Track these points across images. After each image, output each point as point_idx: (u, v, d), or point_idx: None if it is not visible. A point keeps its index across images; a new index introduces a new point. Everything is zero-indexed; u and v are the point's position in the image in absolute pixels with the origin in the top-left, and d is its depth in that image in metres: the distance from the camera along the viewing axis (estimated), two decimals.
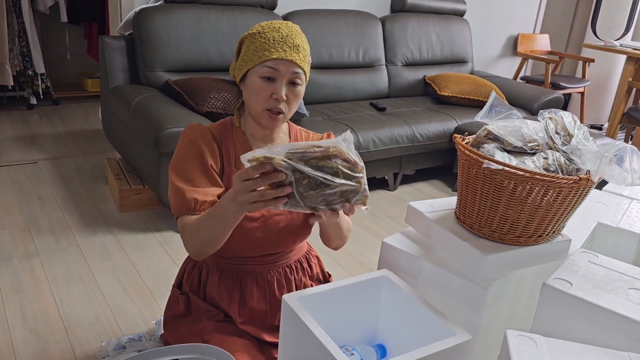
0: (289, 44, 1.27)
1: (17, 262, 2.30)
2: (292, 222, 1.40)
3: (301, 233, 1.45)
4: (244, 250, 1.42)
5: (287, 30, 1.29)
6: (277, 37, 1.27)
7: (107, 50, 3.06)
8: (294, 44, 1.28)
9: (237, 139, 1.40)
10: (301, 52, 1.29)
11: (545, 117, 1.32)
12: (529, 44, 5.18)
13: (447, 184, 3.64)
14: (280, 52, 1.26)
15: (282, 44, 1.26)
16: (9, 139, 3.82)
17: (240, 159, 1.35)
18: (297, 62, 1.27)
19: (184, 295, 1.52)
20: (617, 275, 1.19)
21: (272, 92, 1.28)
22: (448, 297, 1.26)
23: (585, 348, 1.01)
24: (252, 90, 1.30)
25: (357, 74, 3.80)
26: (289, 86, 1.29)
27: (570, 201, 1.19)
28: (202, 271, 1.51)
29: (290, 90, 1.30)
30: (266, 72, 1.27)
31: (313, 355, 1.07)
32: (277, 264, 1.47)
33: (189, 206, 1.30)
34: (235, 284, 1.46)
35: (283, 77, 1.27)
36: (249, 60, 1.29)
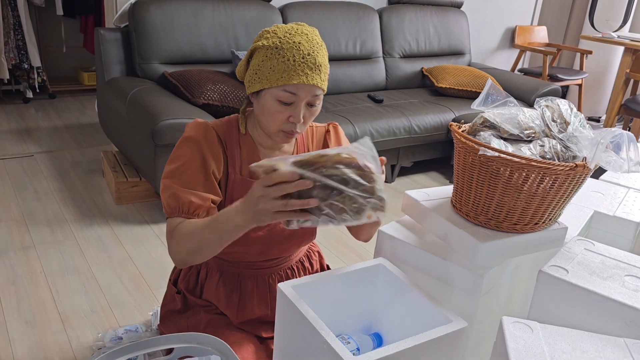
0: (310, 65, 1.16)
1: (13, 254, 2.29)
2: (299, 229, 1.37)
3: (306, 238, 1.43)
4: (246, 256, 1.40)
5: (308, 45, 1.17)
6: (297, 56, 1.15)
7: (103, 43, 3.05)
8: (316, 64, 1.17)
9: (244, 145, 1.33)
10: (322, 71, 1.19)
11: (541, 105, 1.31)
12: (527, 36, 5.16)
13: (444, 175, 3.64)
14: (301, 77, 1.16)
15: (302, 66, 1.15)
16: (4, 133, 3.81)
17: (247, 166, 1.31)
18: (319, 84, 1.18)
19: (181, 294, 1.50)
20: (613, 263, 1.19)
21: (289, 115, 1.20)
22: (444, 285, 1.25)
23: (581, 334, 1.01)
24: (266, 111, 1.21)
25: (354, 66, 3.79)
26: (306, 107, 1.22)
27: (567, 188, 1.18)
28: (200, 271, 1.48)
29: (307, 110, 1.22)
30: (284, 97, 1.18)
31: (309, 343, 1.06)
32: (279, 267, 1.46)
33: (183, 208, 1.22)
34: (235, 287, 1.43)
35: (302, 101, 1.19)
36: (265, 79, 1.18)
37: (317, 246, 1.61)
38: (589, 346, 0.97)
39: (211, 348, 1.23)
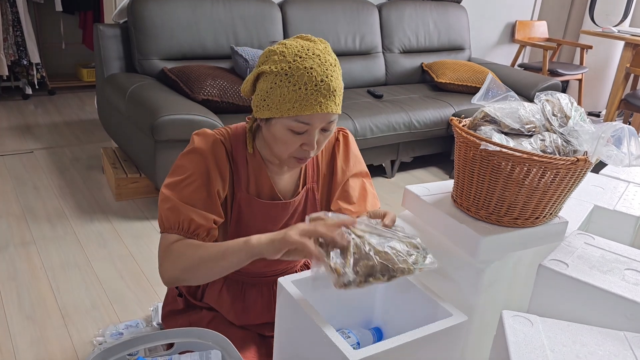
0: (323, 93, 1.07)
1: (13, 250, 2.30)
2: None
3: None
4: (253, 268, 1.35)
5: (321, 70, 1.07)
6: (309, 84, 1.06)
7: (102, 38, 3.04)
8: (330, 90, 1.08)
9: (252, 162, 1.27)
10: (337, 96, 1.10)
11: (542, 100, 1.31)
12: (527, 30, 5.15)
13: (444, 170, 3.64)
14: (315, 107, 1.07)
15: (316, 95, 1.07)
16: (4, 129, 3.81)
17: (254, 184, 1.26)
18: (334, 111, 1.10)
19: (182, 297, 1.49)
20: (613, 256, 1.19)
21: (302, 142, 1.13)
22: (445, 279, 1.25)
23: (581, 327, 1.01)
24: (277, 140, 1.14)
25: (354, 61, 3.78)
26: (320, 132, 1.14)
27: (568, 183, 1.18)
28: None
29: (321, 134, 1.15)
30: (297, 127, 1.10)
31: (309, 338, 1.06)
32: (284, 274, 1.45)
33: (183, 226, 1.14)
34: (239, 295, 1.42)
35: (316, 129, 1.12)
36: (275, 108, 1.10)
37: None
38: (588, 339, 0.97)
39: (212, 343, 1.23)
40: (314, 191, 1.36)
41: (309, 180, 1.35)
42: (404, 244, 1.03)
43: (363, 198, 1.36)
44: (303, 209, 1.36)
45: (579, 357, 0.92)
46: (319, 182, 1.36)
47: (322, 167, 1.36)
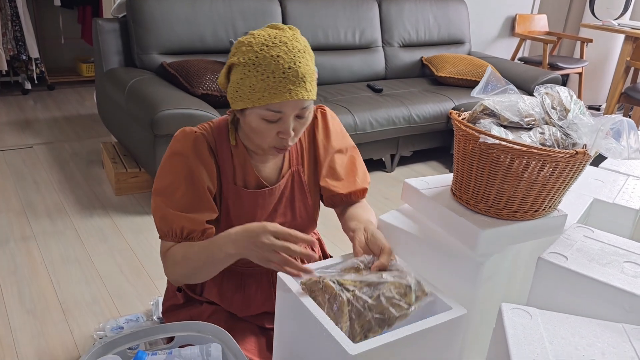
0: (292, 80, 1.08)
1: (13, 245, 2.30)
2: (297, 226, 1.35)
3: (308, 230, 1.42)
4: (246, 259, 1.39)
5: (288, 57, 1.08)
6: (277, 72, 1.07)
7: (101, 33, 3.03)
8: (299, 77, 1.08)
9: (236, 153, 1.29)
10: (308, 81, 1.10)
11: (541, 93, 1.31)
12: (527, 24, 5.14)
13: (444, 165, 3.64)
14: (284, 94, 1.08)
15: (284, 82, 1.08)
16: (3, 124, 3.80)
17: (240, 175, 1.29)
18: (305, 97, 1.10)
19: (181, 292, 1.49)
20: (613, 249, 1.19)
21: (278, 130, 1.14)
22: (444, 273, 1.25)
23: (580, 320, 1.01)
24: (253, 130, 1.16)
25: (354, 55, 3.77)
26: (296, 119, 1.15)
27: (567, 176, 1.18)
28: None
29: (297, 122, 1.16)
30: (269, 116, 1.12)
31: (309, 331, 1.07)
32: None
33: (176, 233, 1.18)
34: (238, 286, 1.42)
35: (289, 116, 1.13)
36: (247, 98, 1.11)
37: (318, 234, 1.61)
38: (587, 332, 0.98)
39: (212, 336, 1.23)
40: (299, 174, 1.36)
41: (293, 163, 1.36)
42: (395, 288, 1.06)
43: (352, 173, 1.37)
44: (290, 193, 1.36)
45: (578, 349, 0.93)
46: (304, 164, 1.37)
47: (305, 149, 1.37)
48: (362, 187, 1.39)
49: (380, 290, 1.05)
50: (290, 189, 1.36)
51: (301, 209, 1.37)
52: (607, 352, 0.92)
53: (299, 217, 1.37)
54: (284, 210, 1.35)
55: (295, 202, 1.36)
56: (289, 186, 1.36)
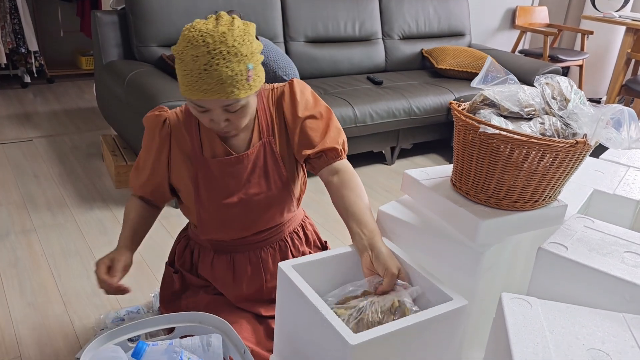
0: (207, 81, 1.10)
1: (14, 238, 2.30)
2: (274, 197, 1.38)
3: (286, 205, 1.42)
4: (232, 234, 1.41)
5: (206, 59, 1.10)
6: (194, 71, 1.10)
7: (100, 25, 3.02)
8: (214, 79, 1.11)
9: (204, 129, 1.35)
10: (227, 84, 1.12)
11: (541, 83, 1.31)
12: (527, 16, 5.12)
13: (444, 157, 3.64)
14: (199, 93, 1.12)
15: (200, 83, 1.11)
16: (3, 118, 3.80)
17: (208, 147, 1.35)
18: (224, 97, 1.13)
19: (178, 273, 1.51)
20: (613, 239, 1.19)
21: (210, 119, 1.20)
22: (444, 263, 1.26)
23: (580, 309, 1.01)
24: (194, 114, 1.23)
25: (354, 47, 3.76)
26: (226, 113, 1.19)
27: (567, 165, 1.18)
28: (194, 251, 1.50)
29: (229, 114, 1.20)
30: (196, 108, 1.18)
31: (309, 322, 1.07)
32: (271, 240, 1.46)
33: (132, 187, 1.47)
34: (228, 266, 1.44)
35: (214, 110, 1.18)
36: (180, 85, 1.18)
37: (310, 219, 1.61)
38: (587, 321, 0.98)
39: (212, 327, 1.24)
40: (271, 145, 1.37)
41: (263, 135, 1.37)
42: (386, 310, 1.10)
43: (323, 135, 1.36)
44: (264, 163, 1.37)
45: (578, 338, 0.93)
46: (275, 135, 1.38)
47: (274, 121, 1.38)
48: (331, 146, 1.35)
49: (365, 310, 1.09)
50: (263, 159, 1.37)
51: (276, 179, 1.38)
52: (608, 341, 0.93)
53: (274, 187, 1.37)
54: (258, 180, 1.37)
55: (269, 172, 1.37)
56: (261, 157, 1.37)
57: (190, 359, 1.10)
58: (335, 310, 1.12)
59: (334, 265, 1.23)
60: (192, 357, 1.11)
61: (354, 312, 1.10)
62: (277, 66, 2.81)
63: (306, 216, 1.58)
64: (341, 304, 1.16)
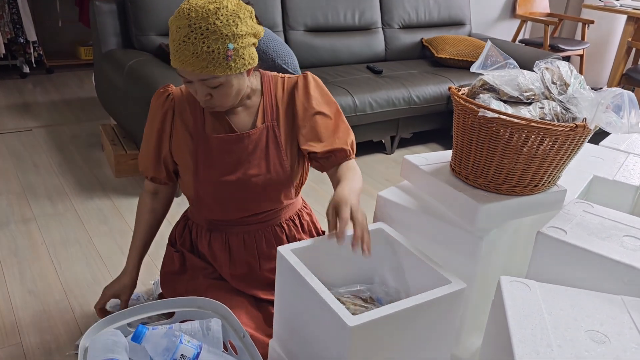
0: (184, 53, 1.14)
1: (14, 227, 2.30)
2: (272, 181, 1.38)
3: (284, 191, 1.43)
4: (227, 213, 1.42)
5: (185, 32, 1.13)
6: (175, 41, 1.15)
7: (99, 14, 3.01)
8: (189, 52, 1.14)
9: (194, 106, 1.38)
10: (202, 59, 1.14)
11: (541, 67, 1.30)
12: (528, 5, 5.10)
13: (444, 147, 3.63)
14: (177, 62, 1.17)
15: (178, 54, 1.16)
16: (2, 108, 3.79)
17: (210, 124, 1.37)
18: (198, 71, 1.16)
19: (179, 252, 1.53)
20: (612, 224, 1.19)
21: (194, 90, 1.24)
22: (444, 248, 1.26)
23: (579, 292, 1.01)
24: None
25: (353, 36, 3.74)
26: (207, 88, 1.22)
27: (567, 150, 1.18)
28: (192, 231, 1.51)
29: (210, 90, 1.23)
30: (181, 77, 1.22)
31: (309, 305, 1.07)
32: (267, 223, 1.46)
33: (143, 171, 1.49)
34: (224, 246, 1.46)
35: (194, 82, 1.21)
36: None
37: (309, 207, 1.61)
38: (586, 303, 0.98)
39: (211, 311, 1.24)
40: (274, 129, 1.38)
41: (267, 118, 1.38)
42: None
43: (333, 135, 1.38)
44: (265, 146, 1.38)
45: (577, 320, 0.93)
46: (279, 122, 1.39)
47: (280, 108, 1.39)
48: (340, 147, 1.37)
49: None
50: (265, 142, 1.38)
51: (276, 164, 1.38)
52: (606, 323, 0.93)
53: (274, 171, 1.38)
54: (258, 162, 1.37)
55: (270, 156, 1.38)
56: (263, 139, 1.37)
57: (190, 342, 1.10)
58: (343, 300, 1.15)
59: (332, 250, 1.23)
60: (192, 341, 1.12)
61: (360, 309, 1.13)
62: (277, 55, 2.79)
63: (304, 205, 1.58)
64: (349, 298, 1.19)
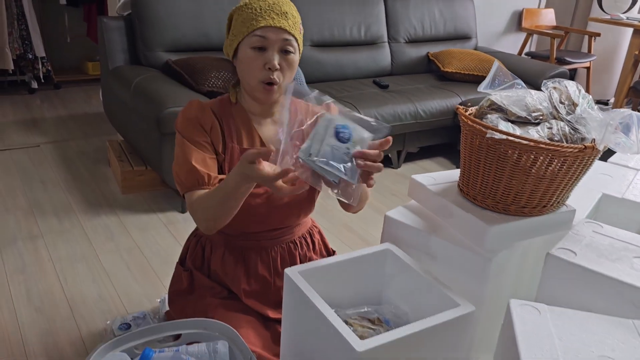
0: (276, 11, 1.25)
1: (21, 244, 2.31)
2: (296, 197, 1.38)
3: (305, 208, 1.44)
4: (248, 226, 1.42)
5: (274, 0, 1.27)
6: (264, 5, 1.26)
7: (106, 31, 3.03)
8: (282, 11, 1.26)
9: (237, 114, 1.38)
10: (290, 19, 1.27)
11: (549, 87, 1.30)
12: (534, 19, 5.10)
13: (451, 161, 3.62)
14: (267, 20, 1.24)
15: (269, 12, 1.25)
16: (11, 123, 3.82)
17: (242, 136, 1.36)
18: (287, 28, 1.25)
19: (188, 271, 1.52)
20: (622, 245, 1.18)
21: (264, 62, 1.26)
22: (452, 269, 1.25)
23: (589, 316, 1.00)
24: (244, 63, 1.28)
25: (359, 51, 3.76)
26: (281, 54, 1.27)
27: (575, 171, 1.17)
28: (205, 247, 1.51)
29: (283, 58, 1.27)
30: (256, 42, 1.25)
31: (316, 328, 1.06)
32: (281, 239, 1.47)
33: (201, 181, 1.29)
34: (239, 259, 1.46)
35: (274, 45, 1.25)
36: (238, 32, 1.27)
37: (319, 226, 1.61)
38: (597, 328, 0.97)
39: (219, 333, 1.23)
40: None
41: None
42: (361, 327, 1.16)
43: None
44: None
45: (587, 345, 0.92)
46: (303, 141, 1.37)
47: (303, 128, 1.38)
48: None
49: None
50: None
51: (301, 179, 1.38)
52: (617, 349, 0.92)
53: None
54: None
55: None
56: None
57: None
58: (351, 321, 1.14)
59: (340, 271, 1.22)
60: None
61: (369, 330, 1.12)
62: None
63: (314, 225, 1.59)
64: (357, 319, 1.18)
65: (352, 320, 1.18)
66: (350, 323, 1.16)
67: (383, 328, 1.16)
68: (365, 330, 1.15)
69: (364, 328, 1.16)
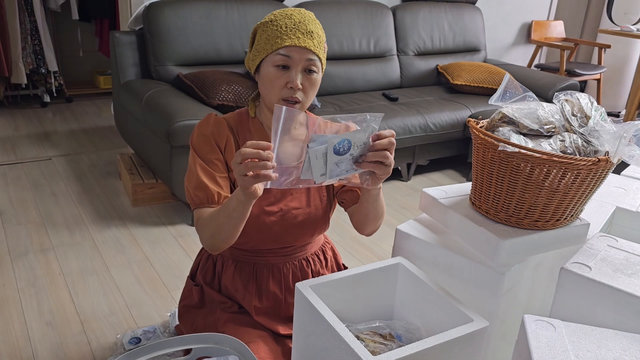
0: (301, 31, 1.24)
1: (32, 257, 2.32)
2: (310, 215, 1.38)
3: (319, 226, 1.43)
4: (261, 243, 1.41)
5: (300, 16, 1.26)
6: (289, 24, 1.24)
7: (118, 45, 3.07)
8: (307, 30, 1.24)
9: (254, 129, 1.37)
10: (315, 39, 1.25)
11: (561, 99, 1.29)
12: (543, 31, 5.10)
13: (461, 173, 3.61)
14: (292, 39, 1.22)
15: (294, 31, 1.23)
16: (23, 137, 3.85)
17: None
18: (311, 48, 1.24)
19: (198, 287, 1.52)
20: (638, 259, 1.16)
21: (287, 80, 1.24)
22: (464, 284, 1.23)
23: (605, 332, 0.98)
24: (266, 80, 1.27)
25: (369, 64, 3.77)
26: (304, 74, 1.26)
27: (589, 184, 1.16)
28: (217, 262, 1.50)
29: (305, 78, 1.26)
30: (280, 60, 1.23)
31: (327, 343, 1.05)
32: (294, 256, 1.46)
33: (211, 199, 1.29)
34: (251, 276, 1.45)
35: (297, 65, 1.24)
36: (262, 49, 1.26)
37: (331, 242, 1.60)
38: (614, 344, 0.95)
39: (229, 348, 1.23)
40: None
41: None
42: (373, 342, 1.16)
43: None
44: None
45: None
46: None
47: None
48: None
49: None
50: None
51: (316, 198, 1.40)
52: None
53: (313, 205, 1.38)
54: (299, 194, 1.38)
55: (310, 190, 1.39)
56: None
57: None
58: (362, 337, 1.14)
59: (352, 286, 1.21)
60: None
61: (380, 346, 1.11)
62: None
63: (327, 241, 1.58)
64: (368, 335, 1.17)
65: (364, 335, 1.17)
66: (361, 338, 1.15)
67: (395, 343, 1.15)
68: (377, 345, 1.14)
69: (375, 343, 1.15)
